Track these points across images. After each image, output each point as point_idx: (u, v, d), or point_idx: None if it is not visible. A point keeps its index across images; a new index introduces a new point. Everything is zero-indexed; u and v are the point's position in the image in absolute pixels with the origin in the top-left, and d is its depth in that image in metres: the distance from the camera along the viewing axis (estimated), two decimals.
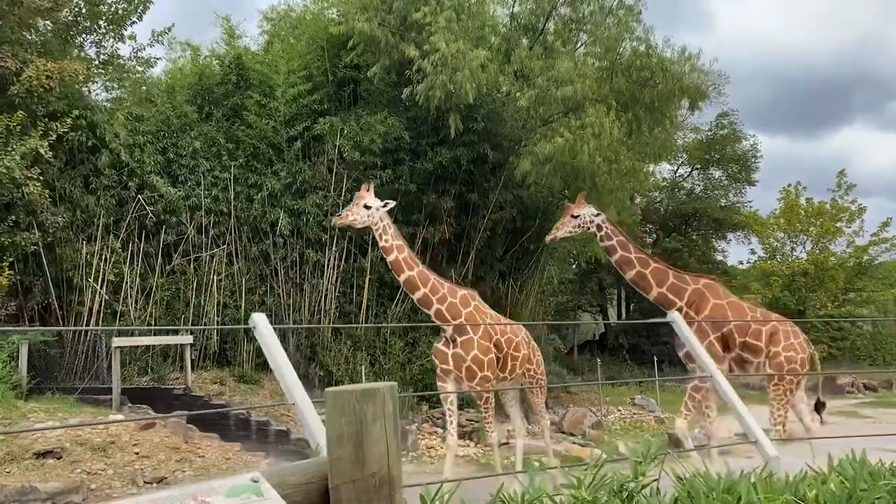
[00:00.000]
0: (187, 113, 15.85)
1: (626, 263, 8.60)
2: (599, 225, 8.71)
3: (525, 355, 9.14)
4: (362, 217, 8.36)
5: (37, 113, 12.75)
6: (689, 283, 8.43)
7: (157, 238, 15.10)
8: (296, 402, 2.44)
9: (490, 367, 8.54)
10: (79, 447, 9.13)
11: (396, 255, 8.42)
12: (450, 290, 8.56)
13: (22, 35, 13.26)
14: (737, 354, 8.38)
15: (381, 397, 1.52)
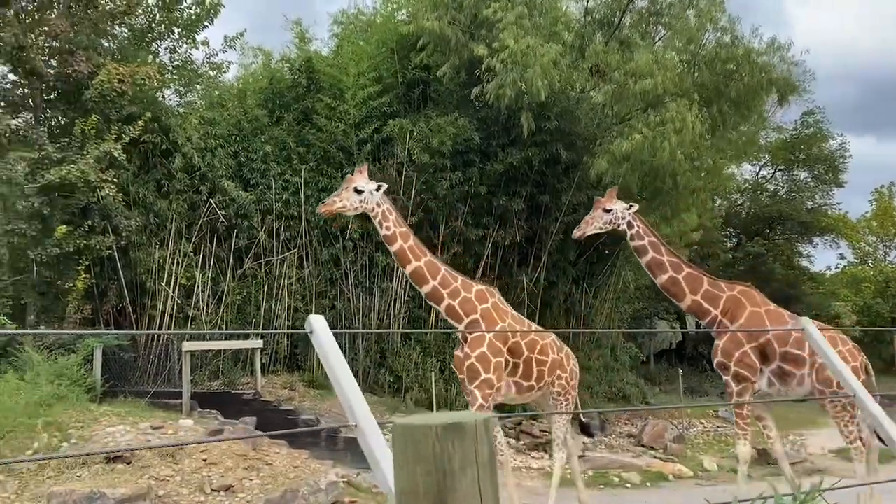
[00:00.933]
0: (258, 117, 15.85)
1: (657, 267, 7.85)
2: (630, 222, 7.89)
3: (555, 360, 8.06)
4: (353, 202, 7.49)
5: (110, 117, 12.88)
6: (724, 290, 7.78)
7: (228, 242, 15.11)
8: (357, 423, 2.02)
9: (497, 371, 7.45)
10: (148, 452, 9.02)
11: (401, 244, 7.51)
12: (463, 285, 7.69)
13: (97, 41, 13.44)
14: (777, 366, 7.63)
15: (473, 435, 1.08)
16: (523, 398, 8.20)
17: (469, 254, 16.35)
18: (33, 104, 13.32)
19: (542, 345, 7.86)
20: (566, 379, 8.12)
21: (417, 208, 15.75)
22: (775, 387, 7.72)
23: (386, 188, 7.67)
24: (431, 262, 7.65)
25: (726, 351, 7.59)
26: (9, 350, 11.67)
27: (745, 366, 7.53)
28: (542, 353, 7.85)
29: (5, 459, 8.44)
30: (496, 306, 7.78)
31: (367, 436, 1.98)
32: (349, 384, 2.11)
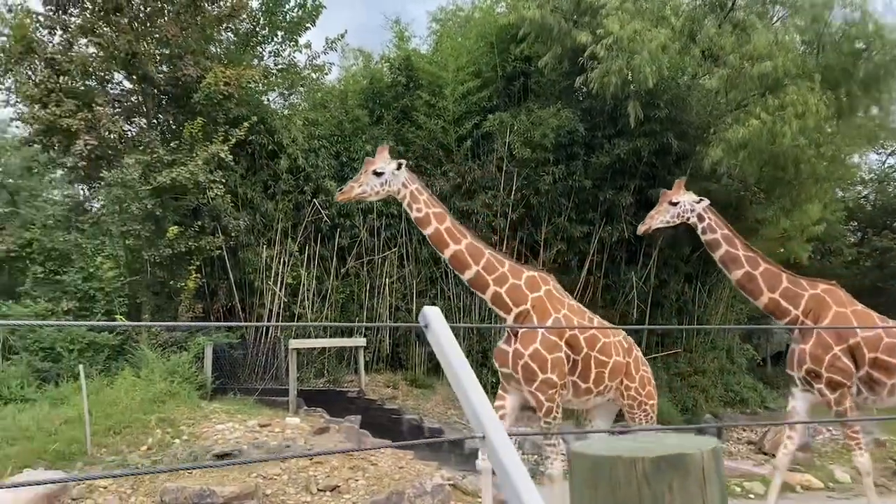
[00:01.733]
0: (359, 117, 15.88)
1: (731, 261, 7.30)
2: (700, 214, 7.40)
3: (619, 364, 7.10)
4: (373, 186, 6.81)
5: (217, 119, 13.15)
6: (805, 289, 7.21)
7: (331, 241, 15.20)
8: (486, 434, 1.68)
9: (556, 368, 6.66)
10: (256, 450, 9.05)
11: (436, 227, 6.83)
12: (512, 270, 6.94)
13: (205, 45, 13.77)
14: (866, 373, 6.98)
15: (699, 472, 0.72)
16: (581, 403, 7.27)
17: (573, 251, 15.80)
18: (145, 109, 13.78)
19: (604, 343, 7.00)
20: (636, 389, 7.21)
21: (518, 205, 15.36)
22: (863, 395, 7.13)
23: (407, 165, 7.00)
24: (473, 245, 6.92)
25: (815, 356, 6.99)
26: (125, 348, 12.09)
27: (839, 370, 6.92)
28: (603, 351, 7.00)
29: (158, 468, 8.66)
30: (550, 295, 6.99)
31: (499, 450, 1.64)
32: (473, 387, 1.78)
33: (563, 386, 6.80)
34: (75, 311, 12.34)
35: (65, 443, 8.84)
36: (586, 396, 7.08)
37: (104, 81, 13.62)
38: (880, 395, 7.09)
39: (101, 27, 12.62)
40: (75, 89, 12.91)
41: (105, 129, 12.51)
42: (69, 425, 9.28)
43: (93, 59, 12.99)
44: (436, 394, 13.91)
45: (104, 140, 12.51)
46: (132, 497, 7.94)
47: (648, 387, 7.35)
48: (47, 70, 12.61)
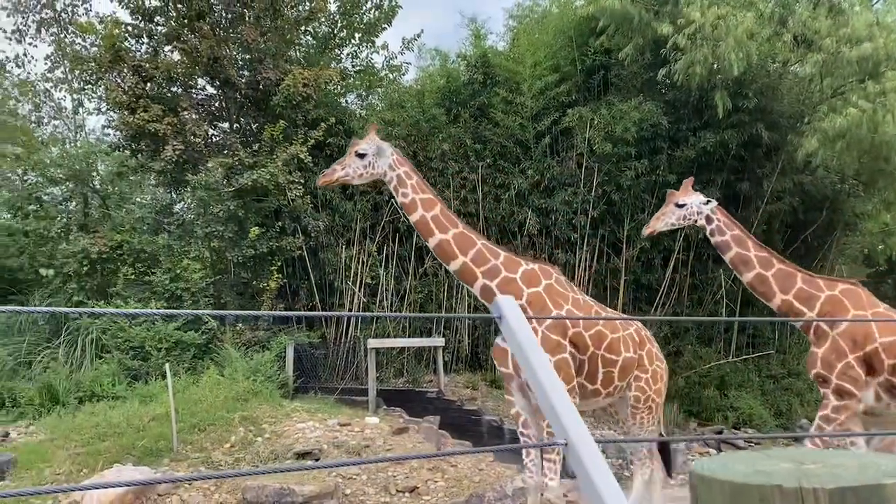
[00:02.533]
0: (436, 116, 15.79)
1: (742, 263, 6.90)
2: (709, 216, 6.99)
3: (630, 361, 6.44)
4: (356, 169, 6.42)
5: (297, 122, 13.31)
6: (822, 290, 6.76)
7: (409, 241, 15.17)
8: (569, 441, 1.48)
9: (561, 371, 6.01)
10: (335, 449, 9.05)
11: (422, 214, 6.35)
12: (508, 262, 6.36)
13: (284, 49, 13.99)
14: (885, 380, 6.50)
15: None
16: (588, 405, 6.70)
17: (657, 249, 15.28)
18: (228, 113, 14.10)
19: (612, 339, 6.36)
20: (646, 381, 6.57)
21: (599, 201, 14.95)
22: (883, 401, 6.60)
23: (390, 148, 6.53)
24: (464, 235, 6.36)
25: (827, 361, 6.56)
26: (211, 347, 12.37)
27: (850, 379, 6.48)
28: (611, 349, 6.36)
29: (245, 470, 8.79)
30: (551, 290, 6.34)
31: (584, 458, 1.43)
32: (553, 387, 1.57)
33: (572, 391, 6.11)
34: None
35: (153, 439, 9.06)
36: (594, 399, 6.50)
37: (188, 87, 14.00)
38: None
39: (185, 34, 12.97)
40: (162, 95, 13.32)
41: (190, 134, 12.84)
42: (157, 422, 9.52)
43: (177, 65, 13.37)
44: None
45: (190, 144, 12.85)
46: (215, 494, 8.04)
47: (659, 383, 6.69)
48: (135, 77, 13.05)
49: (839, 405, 6.56)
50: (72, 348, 12.14)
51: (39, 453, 8.94)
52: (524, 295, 6.22)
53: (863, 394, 6.55)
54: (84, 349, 12.06)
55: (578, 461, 1.45)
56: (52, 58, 15.30)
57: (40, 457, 8.80)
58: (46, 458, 8.72)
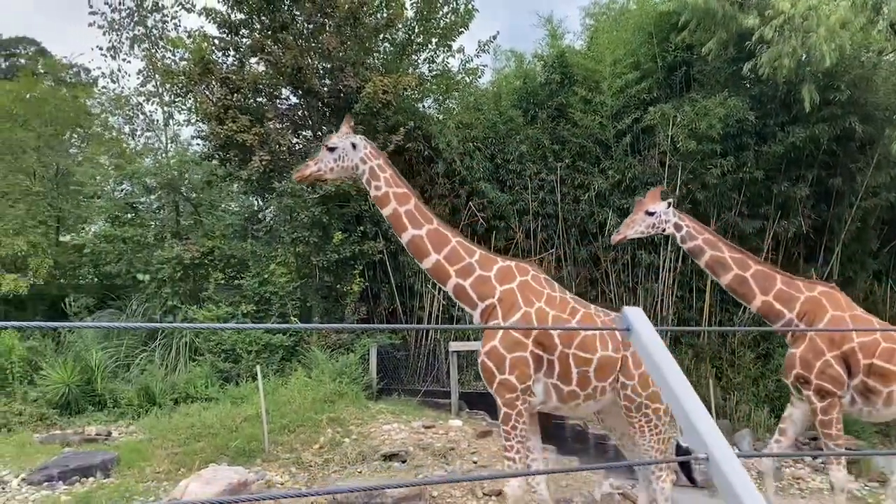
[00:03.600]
0: (513, 117, 15.75)
1: (718, 266, 6.88)
2: (678, 223, 6.98)
3: (608, 360, 5.93)
4: (328, 163, 6.22)
5: (377, 128, 13.51)
6: (801, 291, 6.81)
7: (487, 243, 15.15)
8: (710, 455, 1.45)
9: (517, 369, 5.78)
10: (421, 451, 9.13)
11: (395, 207, 6.15)
12: (483, 260, 6.13)
13: (364, 57, 14.22)
14: (861, 382, 6.56)
15: None
16: (573, 409, 6.22)
17: (745, 248, 14.75)
18: (311, 122, 14.43)
19: (584, 336, 5.86)
20: (633, 388, 5.94)
21: (684, 200, 14.56)
22: (858, 406, 6.68)
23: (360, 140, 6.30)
24: (438, 231, 6.16)
25: (805, 361, 6.61)
26: (298, 349, 12.67)
27: (830, 378, 6.53)
28: (584, 347, 5.89)
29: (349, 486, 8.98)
30: (524, 287, 6.04)
31: (727, 473, 1.40)
32: (689, 399, 1.54)
33: (526, 391, 5.89)
34: (253, 314, 13.12)
35: (245, 440, 9.35)
36: (574, 402, 6.06)
37: (273, 97, 14.39)
38: (875, 405, 6.60)
39: (269, 45, 13.34)
40: (248, 106, 13.74)
41: (275, 143, 13.20)
42: (248, 423, 9.82)
43: (262, 76, 13.77)
44: None
45: (275, 153, 13.21)
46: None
47: (653, 388, 5.92)
48: (223, 89, 13.51)
49: (825, 405, 6.55)
50: (167, 351, 12.65)
51: (140, 452, 9.35)
52: (496, 293, 6.04)
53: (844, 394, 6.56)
54: (178, 352, 12.55)
55: (721, 476, 1.42)
56: (144, 72, 16.02)
57: (141, 455, 9.20)
58: (146, 457, 9.11)
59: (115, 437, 10.57)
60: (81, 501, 7.83)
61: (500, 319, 5.91)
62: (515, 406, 5.88)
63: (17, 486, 8.39)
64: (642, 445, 6.15)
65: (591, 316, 6.09)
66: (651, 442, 6.09)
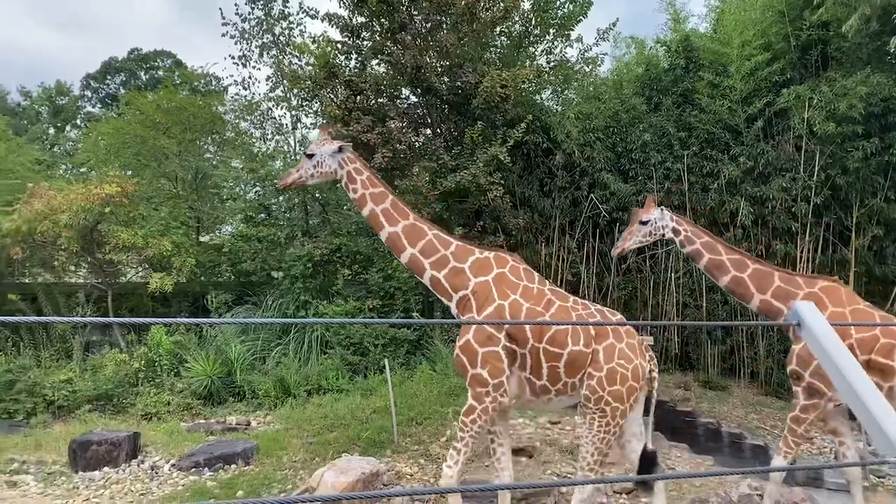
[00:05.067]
0: (635, 106, 15.33)
1: (716, 268, 6.99)
2: (675, 228, 7.13)
3: (579, 355, 5.76)
4: (308, 170, 6.49)
5: (495, 122, 13.50)
6: (801, 287, 6.74)
7: (610, 236, 14.85)
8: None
9: (488, 364, 5.73)
10: (548, 447, 9.06)
11: (371, 207, 6.39)
12: (459, 252, 6.16)
13: (481, 52, 14.25)
14: None
15: None
16: (546, 404, 6.12)
17: (890, 238, 13.73)
18: (430, 120, 14.61)
19: (556, 330, 5.74)
20: (598, 381, 5.75)
21: (822, 187, 13.70)
22: None
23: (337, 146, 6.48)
24: (414, 227, 6.30)
25: (802, 359, 6.52)
26: (422, 343, 12.88)
27: (822, 378, 6.38)
28: (554, 342, 5.76)
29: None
30: (501, 278, 5.98)
31: None
32: (873, 397, 1.43)
33: (499, 386, 5.78)
34: (378, 309, 13.46)
35: (375, 431, 9.60)
36: (546, 396, 5.97)
37: (394, 97, 14.68)
38: None
39: (388, 47, 13.62)
40: (370, 107, 14.08)
41: (396, 142, 13.47)
42: (377, 414, 10.08)
43: (383, 77, 14.08)
44: (732, 396, 12.92)
45: (396, 152, 13.48)
46: (435, 484, 8.35)
47: (619, 386, 5.77)
48: (346, 91, 13.91)
49: (808, 404, 6.49)
50: (300, 344, 13.19)
51: (277, 441, 9.79)
52: (470, 284, 6.03)
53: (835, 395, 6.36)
54: (310, 345, 13.06)
55: None
56: (273, 79, 16.74)
57: (278, 444, 9.63)
58: (283, 446, 9.52)
59: (254, 426, 11.12)
60: (226, 487, 8.29)
61: (473, 312, 5.91)
62: (483, 402, 5.83)
63: (168, 471, 9.00)
64: (584, 437, 5.97)
65: (567, 309, 5.96)
66: (595, 435, 5.88)
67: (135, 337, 13.31)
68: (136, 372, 12.20)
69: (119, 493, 8.50)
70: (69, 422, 11.21)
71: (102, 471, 8.99)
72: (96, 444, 9.13)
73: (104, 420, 11.08)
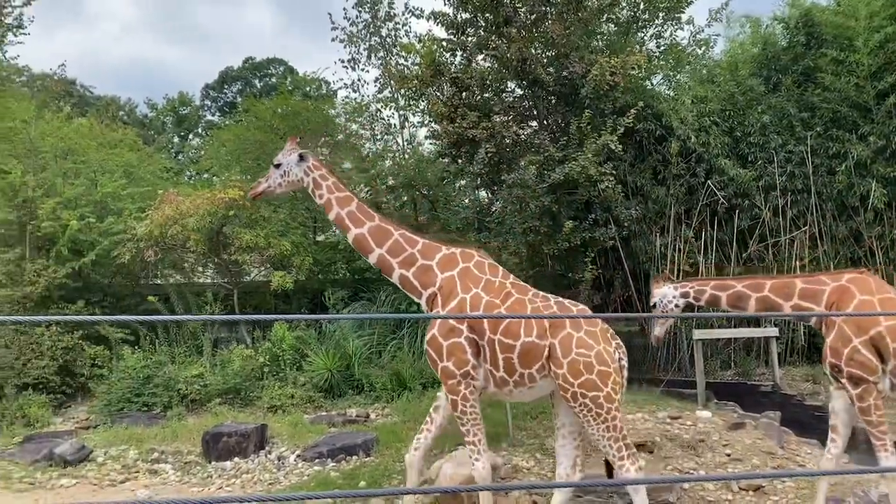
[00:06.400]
0: (753, 87, 14.64)
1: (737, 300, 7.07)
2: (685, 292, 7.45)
3: (532, 347, 5.82)
4: (275, 179, 6.80)
5: (604, 111, 13.24)
6: (826, 283, 6.75)
7: (729, 224, 14.27)
8: None
9: (453, 356, 5.96)
10: (668, 443, 8.84)
11: (337, 211, 6.59)
12: (426, 249, 6.39)
13: (588, 40, 14.00)
14: (894, 366, 6.32)
15: None
16: (508, 395, 6.32)
17: None
18: (536, 112, 14.50)
19: (510, 323, 5.85)
20: (564, 377, 5.73)
21: None
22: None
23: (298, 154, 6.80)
24: (380, 227, 6.53)
25: (834, 349, 6.47)
26: None
27: (859, 364, 6.32)
28: (508, 333, 5.89)
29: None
30: (465, 273, 6.19)
31: None
32: None
33: (465, 375, 6.01)
34: None
35: (490, 424, 9.58)
36: (506, 388, 6.11)
37: (500, 91, 14.66)
38: None
39: (493, 41, 13.60)
40: (476, 102, 14.12)
41: (501, 136, 13.45)
42: (493, 408, 10.11)
43: (488, 71, 14.08)
44: None
45: (502, 146, 13.46)
46: (550, 474, 8.30)
47: (587, 374, 5.71)
48: (452, 88, 14.01)
49: (860, 392, 6.33)
50: (413, 339, 13.43)
51: (395, 433, 10.01)
52: (437, 280, 6.25)
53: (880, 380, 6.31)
54: (424, 339, 13.25)
55: None
56: (381, 80, 17.08)
57: (396, 436, 9.85)
58: (401, 438, 9.72)
59: (373, 418, 11.43)
60: (348, 477, 8.56)
61: (439, 307, 6.12)
62: (459, 391, 6.06)
63: (293, 461, 9.39)
64: (592, 436, 5.97)
65: (523, 302, 6.07)
66: (600, 431, 5.83)
67: (259, 333, 13.94)
68: (261, 367, 12.77)
69: (249, 483, 8.95)
70: (201, 414, 11.89)
71: (233, 461, 9.49)
72: (227, 436, 9.65)
73: (233, 413, 11.68)
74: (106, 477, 9.12)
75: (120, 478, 9.13)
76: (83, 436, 10.72)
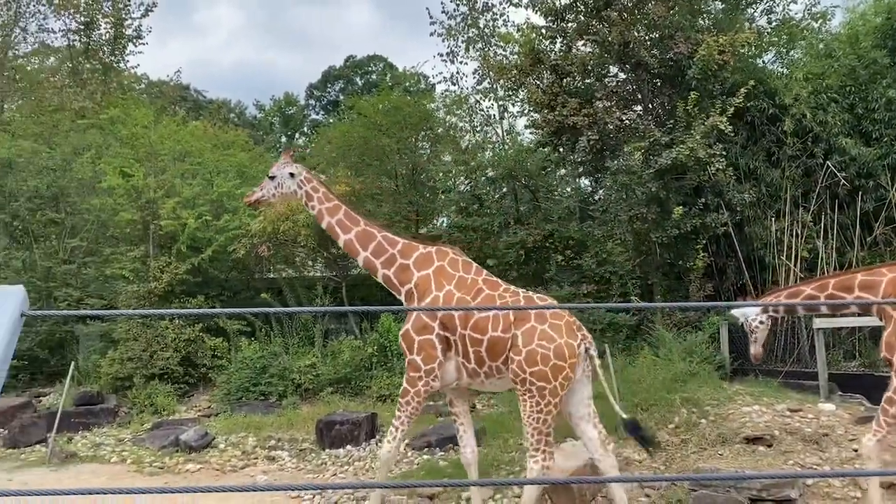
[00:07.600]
0: (876, 60, 13.67)
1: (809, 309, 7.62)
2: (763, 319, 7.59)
3: (498, 340, 6.16)
4: (269, 190, 7.13)
5: (713, 92, 12.72)
6: (883, 274, 6.59)
7: (852, 207, 13.41)
8: None
9: (423, 351, 6.32)
10: (788, 436, 8.44)
11: (328, 221, 6.95)
12: (405, 249, 6.73)
13: (692, 20, 13.47)
14: None
15: None
16: (481, 385, 6.61)
17: None
18: (640, 96, 14.11)
19: (477, 318, 6.20)
20: (519, 364, 6.05)
21: None
22: None
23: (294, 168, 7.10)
24: (365, 231, 6.86)
25: (889, 344, 6.40)
26: (642, 328, 12.52)
27: None
28: (476, 328, 6.24)
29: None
30: (440, 271, 6.56)
31: None
32: None
33: (429, 373, 6.34)
34: (594, 294, 13.28)
35: (603, 419, 9.49)
36: (478, 379, 6.45)
37: (601, 77, 14.37)
38: None
39: (594, 25, 13.33)
40: (576, 89, 13.89)
41: (603, 123, 13.17)
42: (599, 400, 9.94)
43: (590, 56, 13.81)
44: None
45: (604, 132, 13.18)
46: (665, 473, 8.11)
47: (541, 366, 5.98)
48: (552, 76, 13.85)
49: None
50: None
51: (502, 424, 10.03)
52: (414, 278, 6.57)
53: None
54: None
55: None
56: (479, 72, 17.08)
57: (503, 427, 9.87)
58: (508, 429, 9.73)
59: (479, 409, 11.49)
60: (456, 467, 8.63)
61: (415, 302, 6.46)
62: (416, 385, 6.37)
63: (403, 450, 9.57)
64: (523, 421, 6.25)
65: (493, 297, 6.36)
66: (532, 418, 6.10)
67: (367, 324, 14.26)
68: (370, 357, 13.08)
69: (361, 470, 9.20)
70: (314, 403, 12.30)
71: (346, 448, 9.77)
72: (339, 424, 9.94)
73: (344, 402, 12.02)
74: (227, 463, 9.60)
75: (240, 464, 9.59)
76: (206, 423, 11.33)
